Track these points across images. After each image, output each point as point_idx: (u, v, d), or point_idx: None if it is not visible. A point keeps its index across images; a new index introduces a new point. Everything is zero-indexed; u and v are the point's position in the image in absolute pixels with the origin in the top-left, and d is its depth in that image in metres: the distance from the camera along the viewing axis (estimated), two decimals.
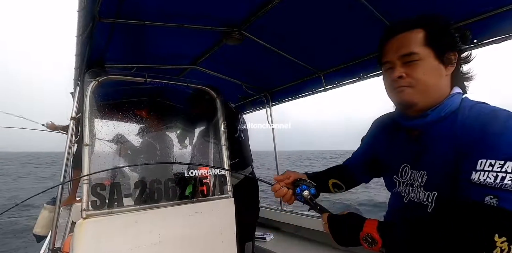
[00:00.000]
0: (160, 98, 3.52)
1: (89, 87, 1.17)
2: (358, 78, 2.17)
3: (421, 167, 0.74)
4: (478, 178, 0.58)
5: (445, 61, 0.70)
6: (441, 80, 0.71)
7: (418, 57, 0.69)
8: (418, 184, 0.75)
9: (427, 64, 0.69)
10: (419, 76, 0.69)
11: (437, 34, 0.70)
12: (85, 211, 1.02)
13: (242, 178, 1.93)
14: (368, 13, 1.54)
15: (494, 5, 1.36)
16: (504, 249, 0.50)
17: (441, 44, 0.69)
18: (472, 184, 0.59)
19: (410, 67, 0.70)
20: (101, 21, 1.55)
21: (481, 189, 0.57)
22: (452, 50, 0.70)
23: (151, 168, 1.84)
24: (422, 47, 0.69)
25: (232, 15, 1.76)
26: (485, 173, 0.57)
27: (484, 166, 0.58)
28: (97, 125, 1.26)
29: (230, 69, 2.64)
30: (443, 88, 0.72)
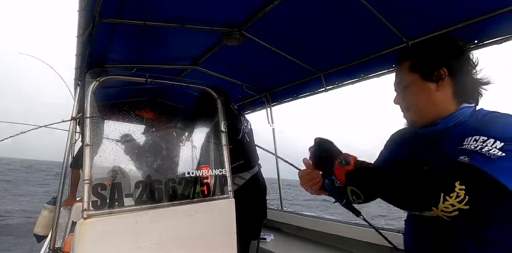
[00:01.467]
0: (161, 99, 3.52)
1: (90, 87, 1.17)
2: (358, 79, 2.18)
3: None
4: (461, 148, 0.66)
5: (435, 79, 0.78)
6: (430, 96, 0.79)
7: (406, 83, 0.83)
8: None
9: (415, 87, 0.81)
10: (410, 98, 0.83)
11: (419, 59, 0.81)
12: (86, 211, 1.02)
13: (247, 178, 1.94)
14: (368, 14, 1.54)
15: (494, 6, 1.36)
16: (460, 195, 0.56)
17: (423, 66, 0.79)
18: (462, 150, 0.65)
19: (404, 92, 0.85)
20: (102, 21, 1.55)
21: (460, 152, 0.65)
22: (439, 67, 0.77)
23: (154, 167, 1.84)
24: (408, 74, 0.82)
25: (233, 15, 1.77)
26: (469, 145, 0.65)
27: (470, 141, 0.66)
28: (97, 125, 1.26)
29: (231, 70, 2.64)
30: (438, 101, 0.79)
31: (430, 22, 1.57)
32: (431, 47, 0.82)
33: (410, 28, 1.66)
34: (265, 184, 2.09)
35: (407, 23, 1.62)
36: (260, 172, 2.06)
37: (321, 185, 0.90)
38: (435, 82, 0.78)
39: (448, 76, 0.77)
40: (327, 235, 2.36)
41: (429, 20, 1.55)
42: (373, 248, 1.92)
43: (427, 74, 0.79)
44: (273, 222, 2.94)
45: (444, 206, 0.57)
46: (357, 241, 2.09)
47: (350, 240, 2.15)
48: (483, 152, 0.61)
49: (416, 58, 0.81)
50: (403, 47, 1.77)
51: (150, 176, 1.23)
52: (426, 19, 1.55)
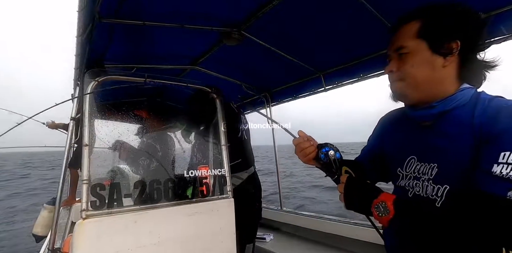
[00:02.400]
0: (160, 99, 3.51)
1: (89, 87, 1.17)
2: (358, 78, 2.18)
3: (431, 159, 0.71)
4: (501, 171, 0.55)
5: (443, 52, 0.67)
6: (434, 71, 0.69)
7: (407, 50, 0.70)
8: (426, 177, 0.71)
9: (417, 56, 0.69)
10: (406, 68, 0.71)
11: (432, 24, 0.68)
12: (85, 211, 1.02)
13: (244, 178, 1.93)
14: (367, 13, 1.54)
15: (494, 6, 1.36)
16: None
17: (436, 35, 0.67)
18: (494, 177, 0.56)
19: (402, 60, 0.72)
20: (101, 21, 1.55)
21: (504, 183, 0.54)
22: (452, 40, 0.67)
23: (151, 169, 1.84)
24: (413, 40, 0.69)
25: (232, 15, 1.76)
26: (508, 166, 0.54)
27: (508, 159, 0.55)
28: (96, 126, 1.26)
29: (230, 69, 2.64)
30: (440, 79, 0.69)
31: None
32: (448, 13, 0.68)
33: None
34: (260, 185, 2.09)
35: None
36: (256, 173, 2.06)
37: (315, 155, 0.87)
38: (443, 56, 0.67)
39: (459, 52, 0.67)
40: (327, 234, 2.36)
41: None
42: (372, 247, 1.93)
43: (437, 45, 0.67)
44: (272, 222, 2.94)
45: None
46: (356, 241, 2.09)
47: (349, 239, 2.15)
48: None
49: (428, 22, 0.68)
50: None
51: (149, 176, 1.23)
52: None
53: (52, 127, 3.28)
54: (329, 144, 0.87)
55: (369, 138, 1.01)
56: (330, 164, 0.84)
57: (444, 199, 0.66)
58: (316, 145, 0.88)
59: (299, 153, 0.89)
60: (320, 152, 0.86)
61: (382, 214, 0.64)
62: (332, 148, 0.86)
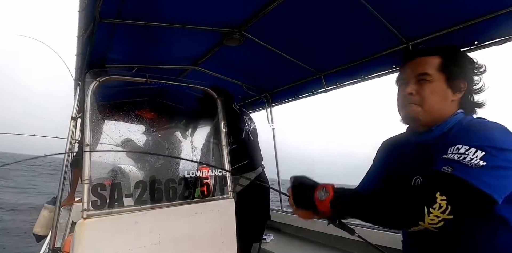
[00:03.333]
0: (161, 99, 3.52)
1: (90, 87, 1.17)
2: (358, 79, 2.18)
3: None
4: (445, 157, 0.66)
5: (454, 88, 0.79)
6: (446, 102, 0.79)
7: (430, 78, 0.78)
8: None
9: (436, 85, 0.78)
10: (426, 94, 0.78)
11: (452, 63, 0.79)
12: (86, 211, 1.02)
13: (252, 178, 1.93)
14: (368, 15, 1.54)
15: (494, 7, 1.36)
16: (442, 206, 0.57)
17: (453, 72, 0.78)
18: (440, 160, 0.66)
19: (422, 85, 0.79)
20: (102, 21, 1.55)
21: (443, 162, 0.65)
22: (463, 79, 0.79)
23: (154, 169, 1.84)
24: (436, 71, 0.79)
25: (233, 16, 1.77)
26: (452, 154, 0.65)
27: (453, 150, 0.66)
28: (98, 126, 1.26)
29: (231, 70, 2.65)
30: (447, 110, 0.80)
31: (429, 23, 1.57)
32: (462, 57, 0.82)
33: (409, 29, 1.66)
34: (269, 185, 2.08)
35: (407, 24, 1.62)
36: (264, 173, 2.05)
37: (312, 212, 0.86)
38: (453, 91, 0.79)
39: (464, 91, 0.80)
40: (327, 235, 2.36)
41: (428, 21, 1.56)
42: (372, 248, 1.92)
43: (452, 80, 0.78)
44: (273, 223, 2.94)
45: (430, 219, 0.57)
46: (356, 242, 2.08)
47: (350, 240, 2.14)
48: (465, 162, 0.62)
49: (449, 60, 0.80)
50: (402, 48, 1.77)
51: (150, 176, 1.23)
52: (425, 20, 1.56)
53: None
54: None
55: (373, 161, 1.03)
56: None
57: None
58: None
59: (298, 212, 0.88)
60: None
61: (322, 198, 0.71)
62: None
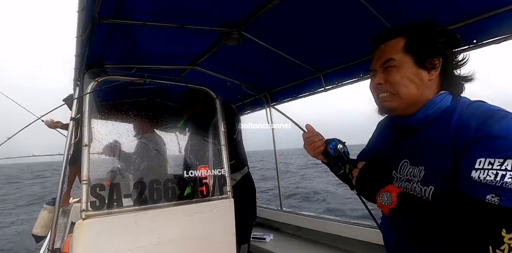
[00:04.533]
0: (160, 99, 3.52)
1: (89, 88, 1.17)
2: (357, 79, 2.17)
3: (419, 163, 0.76)
4: (479, 177, 0.59)
5: (427, 67, 0.73)
6: (422, 84, 0.74)
7: (395, 63, 0.74)
8: (416, 179, 0.75)
9: (405, 69, 0.73)
10: (396, 80, 0.74)
11: (417, 41, 0.74)
12: (85, 212, 1.02)
13: (238, 179, 1.93)
14: (367, 14, 1.54)
15: (493, 6, 1.36)
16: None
17: (421, 51, 0.73)
18: (473, 182, 0.60)
19: (389, 72, 0.75)
20: (101, 21, 1.55)
21: (482, 187, 0.58)
22: (435, 56, 0.73)
23: (150, 169, 1.84)
24: (401, 54, 0.74)
25: (232, 15, 1.76)
26: (484, 172, 0.58)
27: (484, 165, 0.59)
28: (96, 126, 1.26)
29: (230, 70, 2.64)
30: (426, 91, 0.74)
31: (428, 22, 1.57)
32: (430, 32, 0.75)
33: None
34: (254, 186, 2.08)
35: (406, 23, 1.62)
36: (249, 173, 2.05)
37: (323, 149, 0.90)
38: (427, 71, 0.73)
39: (440, 67, 0.73)
40: (327, 234, 2.36)
41: (427, 19, 1.55)
42: (372, 247, 1.93)
43: (422, 60, 0.72)
44: (272, 222, 2.94)
45: None
46: (356, 241, 2.09)
47: (350, 239, 2.15)
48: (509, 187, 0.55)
49: (413, 39, 0.74)
50: None
51: (149, 177, 1.23)
52: (424, 18, 1.55)
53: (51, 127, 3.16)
54: (336, 139, 0.91)
55: (369, 140, 1.04)
56: (339, 158, 0.87)
57: (430, 200, 0.71)
58: (324, 140, 0.92)
59: (309, 147, 0.93)
60: (328, 147, 0.89)
61: (385, 203, 0.69)
62: (340, 142, 0.89)
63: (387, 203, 0.68)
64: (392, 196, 0.68)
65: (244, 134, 2.17)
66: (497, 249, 0.51)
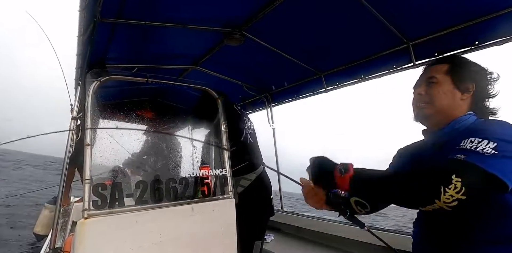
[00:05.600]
0: (162, 99, 3.52)
1: (91, 87, 1.17)
2: (358, 79, 2.18)
3: None
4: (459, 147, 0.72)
5: (462, 88, 0.88)
6: (454, 101, 0.88)
7: (437, 80, 0.90)
8: None
9: (444, 86, 0.89)
10: (434, 93, 0.89)
11: (457, 67, 0.90)
12: (87, 211, 1.02)
13: (253, 179, 1.93)
14: (369, 15, 1.54)
15: (495, 7, 1.36)
16: (457, 187, 0.62)
17: (459, 74, 0.89)
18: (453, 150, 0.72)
19: (431, 87, 0.91)
20: (102, 21, 1.55)
21: (457, 151, 0.71)
22: (469, 81, 0.87)
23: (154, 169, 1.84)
24: (443, 75, 0.90)
25: (233, 15, 1.77)
26: (465, 145, 0.71)
27: (466, 142, 0.72)
28: (98, 125, 1.26)
29: (231, 70, 2.64)
30: (456, 108, 0.88)
31: (430, 23, 1.57)
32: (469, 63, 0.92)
33: (410, 29, 1.66)
34: (270, 183, 2.09)
35: (408, 24, 1.62)
36: (265, 172, 2.05)
37: (325, 199, 0.93)
38: (461, 92, 0.88)
39: (473, 92, 0.88)
40: (327, 235, 2.36)
41: (429, 21, 1.56)
42: (372, 248, 1.92)
43: (459, 82, 0.88)
44: (273, 223, 2.94)
45: (445, 198, 0.63)
46: (357, 242, 2.09)
47: (350, 240, 2.15)
48: (477, 151, 0.68)
49: (454, 65, 0.90)
50: (403, 48, 1.77)
51: (151, 176, 1.23)
52: (426, 20, 1.56)
53: None
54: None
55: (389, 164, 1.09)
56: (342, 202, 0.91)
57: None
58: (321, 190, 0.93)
59: (310, 200, 0.95)
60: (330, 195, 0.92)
61: (342, 174, 0.76)
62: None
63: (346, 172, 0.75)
64: (349, 166, 0.76)
65: None
66: (446, 187, 0.62)
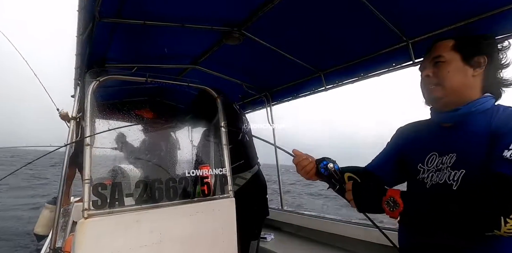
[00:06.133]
0: (161, 98, 3.52)
1: (90, 87, 1.17)
2: (358, 78, 2.17)
3: (451, 151, 0.80)
4: (510, 155, 0.65)
5: (473, 64, 0.81)
6: (466, 79, 0.81)
7: (444, 59, 0.83)
8: (445, 166, 0.80)
9: (452, 65, 0.82)
10: (443, 73, 0.83)
11: (464, 41, 0.83)
12: (87, 211, 1.02)
13: (248, 178, 1.94)
14: (368, 13, 1.53)
15: (495, 5, 1.36)
16: None
17: (468, 49, 0.81)
18: (503, 160, 0.66)
19: (438, 67, 0.84)
20: (101, 20, 1.54)
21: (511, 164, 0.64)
22: (480, 54, 0.80)
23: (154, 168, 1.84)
24: (450, 52, 0.83)
25: (233, 14, 1.76)
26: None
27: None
28: (97, 125, 1.26)
29: (231, 69, 2.64)
30: (469, 86, 0.81)
31: (430, 21, 1.57)
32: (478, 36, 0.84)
33: (410, 27, 1.66)
34: (265, 182, 2.09)
35: (407, 22, 1.62)
36: (260, 171, 2.06)
37: (315, 171, 0.94)
38: (472, 68, 0.81)
39: (485, 66, 0.81)
40: (328, 234, 2.36)
41: (429, 19, 1.55)
42: (374, 247, 1.93)
43: (468, 57, 0.80)
44: (273, 222, 2.94)
45: (506, 228, 0.58)
46: (358, 240, 2.09)
47: (351, 239, 2.15)
48: None
49: (462, 40, 0.83)
50: (403, 46, 1.77)
51: (151, 176, 1.23)
52: (426, 18, 1.55)
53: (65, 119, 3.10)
54: (326, 158, 0.94)
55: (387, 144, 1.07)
56: (331, 176, 0.90)
57: (460, 182, 0.75)
58: (314, 161, 0.95)
59: (301, 171, 0.96)
60: (319, 167, 0.92)
61: (393, 209, 0.72)
62: (329, 161, 0.92)
63: (395, 208, 0.71)
64: (397, 199, 0.71)
65: None
66: (507, 218, 0.57)
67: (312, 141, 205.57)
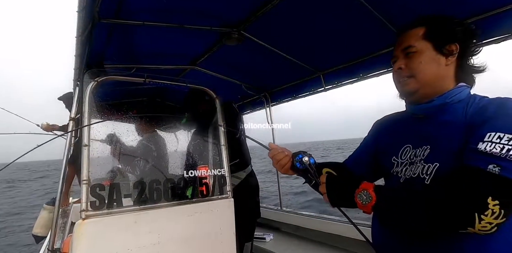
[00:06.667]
0: (160, 99, 3.51)
1: (88, 88, 1.17)
2: (357, 78, 2.18)
3: (424, 143, 0.78)
4: (485, 148, 0.61)
5: (445, 53, 0.77)
6: (439, 68, 0.77)
7: (415, 49, 0.78)
8: (419, 159, 0.77)
9: (424, 55, 0.78)
10: (415, 64, 0.78)
11: (435, 29, 0.78)
12: (85, 212, 1.02)
13: (243, 178, 1.94)
14: (367, 13, 1.54)
15: (493, 6, 1.36)
16: (495, 212, 0.54)
17: (439, 37, 0.77)
18: (478, 152, 0.62)
19: (409, 58, 0.80)
20: (101, 21, 1.54)
21: (486, 157, 0.60)
22: (452, 42, 0.76)
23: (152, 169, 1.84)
24: (421, 41, 0.78)
25: (232, 15, 1.76)
26: (492, 144, 0.60)
27: (493, 138, 0.61)
28: (96, 126, 1.26)
29: (230, 69, 2.64)
30: (443, 76, 0.78)
31: None
32: (448, 22, 0.79)
33: None
34: (258, 183, 2.10)
35: (406, 22, 1.62)
36: (253, 172, 2.07)
37: (290, 165, 0.91)
38: (445, 56, 0.77)
39: (457, 54, 0.77)
40: (326, 234, 2.36)
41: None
42: None
43: (440, 46, 0.77)
44: (272, 222, 2.94)
45: (481, 226, 0.55)
46: (356, 240, 2.09)
47: (349, 239, 2.15)
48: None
49: (432, 28, 0.79)
50: None
51: (149, 176, 1.23)
52: None
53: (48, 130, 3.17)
54: (302, 151, 0.91)
55: (364, 138, 1.05)
56: (306, 170, 0.87)
57: (432, 176, 0.72)
58: (290, 155, 0.92)
59: (276, 165, 0.94)
60: (294, 160, 0.89)
61: (365, 202, 0.69)
62: (305, 155, 0.89)
63: (368, 201, 0.69)
64: (370, 192, 0.69)
65: None
66: (482, 214, 0.54)
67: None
